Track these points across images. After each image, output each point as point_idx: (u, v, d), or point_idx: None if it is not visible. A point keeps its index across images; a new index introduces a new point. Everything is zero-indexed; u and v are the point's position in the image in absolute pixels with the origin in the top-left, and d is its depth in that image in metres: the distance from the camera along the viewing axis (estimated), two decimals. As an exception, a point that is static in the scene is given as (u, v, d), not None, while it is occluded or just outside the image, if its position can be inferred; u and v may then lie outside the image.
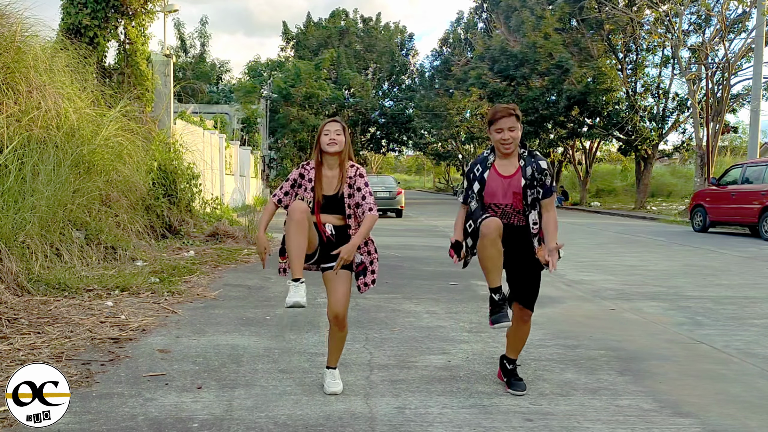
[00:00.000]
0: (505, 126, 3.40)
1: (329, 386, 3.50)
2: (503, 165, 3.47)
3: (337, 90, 37.08)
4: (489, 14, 40.23)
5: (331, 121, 3.53)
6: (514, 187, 3.41)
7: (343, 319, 3.45)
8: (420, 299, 6.33)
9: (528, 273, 3.50)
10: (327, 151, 3.43)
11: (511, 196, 3.42)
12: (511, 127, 3.40)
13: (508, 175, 3.44)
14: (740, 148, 37.62)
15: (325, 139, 3.44)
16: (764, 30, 18.42)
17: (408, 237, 13.66)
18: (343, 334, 3.54)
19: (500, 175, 3.45)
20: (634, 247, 11.85)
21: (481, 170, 3.51)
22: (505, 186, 3.42)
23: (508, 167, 3.46)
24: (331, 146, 3.43)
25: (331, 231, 3.43)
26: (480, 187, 3.47)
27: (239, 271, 7.91)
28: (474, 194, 3.49)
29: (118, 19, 10.97)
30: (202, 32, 41.00)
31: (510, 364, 3.65)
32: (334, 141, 3.43)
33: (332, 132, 3.45)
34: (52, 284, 5.82)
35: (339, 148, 3.44)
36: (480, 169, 3.52)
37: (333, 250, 3.36)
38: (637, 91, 27.40)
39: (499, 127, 3.42)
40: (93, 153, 8.17)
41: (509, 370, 3.65)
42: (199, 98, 31.59)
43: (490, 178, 3.46)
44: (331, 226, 3.45)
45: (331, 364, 3.59)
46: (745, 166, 14.88)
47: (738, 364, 4.22)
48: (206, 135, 16.38)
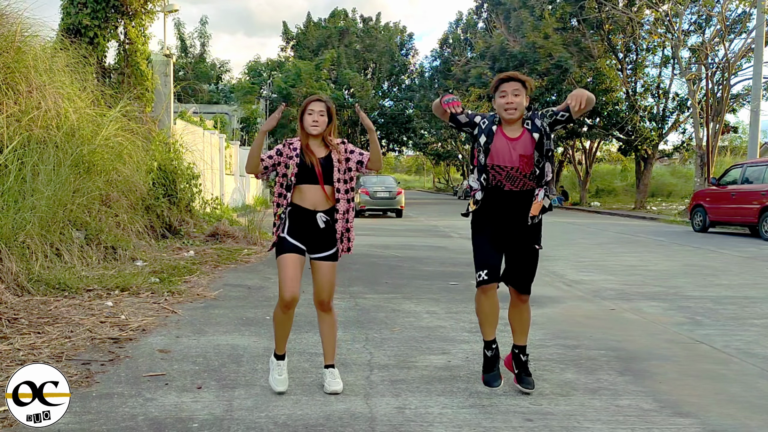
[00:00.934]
0: (509, 89, 3.30)
1: (329, 385, 3.49)
2: (509, 129, 3.37)
3: (337, 90, 37.11)
4: (489, 14, 40.23)
5: (315, 100, 3.43)
6: (521, 149, 3.31)
7: (328, 303, 3.49)
8: (420, 299, 6.33)
9: (526, 252, 3.44)
10: (310, 132, 3.40)
11: (518, 159, 3.31)
12: (516, 90, 3.30)
13: (513, 138, 3.33)
14: (740, 148, 37.61)
15: (308, 120, 3.38)
16: (764, 30, 18.42)
17: (408, 237, 13.66)
18: (332, 320, 3.53)
19: (506, 136, 3.34)
20: (634, 247, 11.85)
21: (488, 123, 3.38)
22: (510, 148, 3.31)
23: (514, 130, 3.36)
24: (314, 128, 3.38)
25: (324, 222, 3.41)
26: (487, 139, 3.33)
27: (239, 271, 7.91)
28: (480, 147, 3.35)
29: (118, 19, 10.97)
30: (202, 32, 41.03)
31: (524, 356, 3.57)
32: (317, 123, 3.38)
33: (316, 112, 3.38)
34: (52, 284, 5.82)
35: (321, 130, 3.40)
36: (487, 122, 3.38)
37: (324, 240, 3.41)
38: (637, 91, 27.40)
39: (503, 90, 3.33)
40: (93, 153, 8.16)
41: (522, 362, 3.56)
42: (199, 98, 31.60)
43: (496, 137, 3.34)
44: (324, 216, 3.41)
45: (328, 361, 3.57)
46: (745, 166, 14.88)
47: (738, 364, 4.22)
48: (206, 135, 16.38)
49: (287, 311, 3.45)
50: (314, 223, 3.41)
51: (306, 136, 3.44)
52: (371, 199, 20.89)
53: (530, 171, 3.32)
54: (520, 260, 3.47)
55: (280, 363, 3.52)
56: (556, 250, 10.86)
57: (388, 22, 51.31)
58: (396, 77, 50.23)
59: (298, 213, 3.41)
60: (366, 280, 7.49)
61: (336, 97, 35.45)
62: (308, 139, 3.43)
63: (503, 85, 3.34)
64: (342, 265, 8.57)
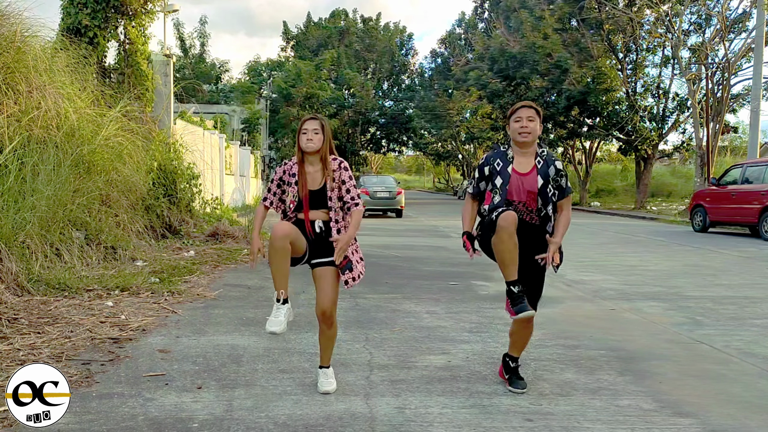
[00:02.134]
0: (524, 115, 3.41)
1: (322, 385, 3.51)
2: (519, 162, 3.45)
3: (338, 90, 37.11)
4: (489, 14, 40.23)
5: (309, 119, 3.52)
6: (528, 185, 3.40)
7: (330, 316, 3.45)
8: (420, 299, 6.33)
9: (535, 273, 3.50)
10: (305, 150, 3.45)
11: (525, 194, 3.40)
12: (530, 117, 3.40)
13: (523, 173, 3.43)
14: (740, 148, 37.61)
15: (303, 138, 3.45)
16: (764, 30, 18.42)
17: (408, 237, 13.66)
18: (332, 333, 3.53)
19: (516, 172, 3.44)
20: (634, 247, 11.85)
21: (503, 165, 3.47)
22: (519, 183, 3.41)
23: (524, 165, 3.44)
24: (309, 146, 3.44)
25: (320, 228, 3.44)
26: (503, 181, 3.43)
27: (239, 271, 7.91)
28: (497, 189, 3.43)
29: (118, 19, 10.97)
30: (202, 32, 41.03)
31: (513, 362, 3.66)
32: (311, 140, 3.44)
33: (310, 131, 3.45)
34: (52, 284, 5.82)
35: (316, 147, 3.45)
36: (501, 163, 3.47)
37: (322, 246, 3.43)
38: (637, 91, 27.39)
39: (518, 116, 3.43)
40: (93, 153, 8.16)
41: (512, 368, 3.65)
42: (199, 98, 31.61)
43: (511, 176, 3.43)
44: (320, 222, 3.45)
45: (323, 363, 3.59)
46: (745, 166, 14.87)
47: (738, 364, 4.22)
48: (206, 135, 16.38)
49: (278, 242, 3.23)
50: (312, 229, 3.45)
51: (302, 162, 3.49)
52: (371, 199, 20.90)
53: (535, 207, 3.42)
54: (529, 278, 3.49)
55: (280, 306, 3.33)
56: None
57: (388, 23, 51.31)
58: (396, 77, 50.22)
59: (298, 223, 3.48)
60: (366, 280, 7.44)
61: (336, 97, 35.45)
62: (305, 162, 3.49)
63: (519, 112, 3.45)
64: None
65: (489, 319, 5.37)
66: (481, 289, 7.01)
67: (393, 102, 48.43)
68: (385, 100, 48.25)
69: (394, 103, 48.16)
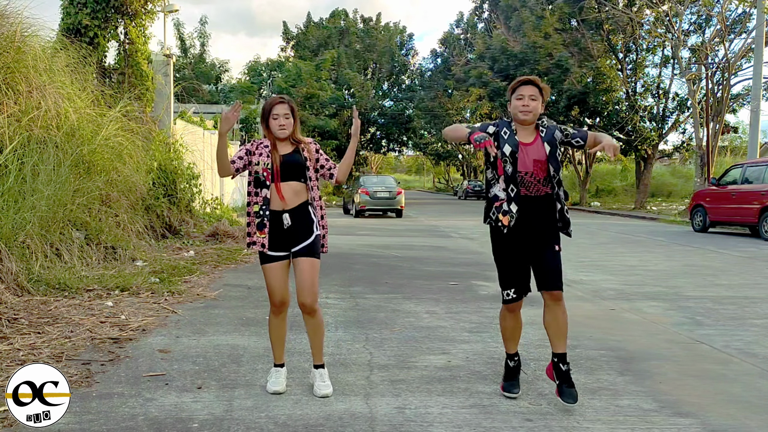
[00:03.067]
0: (527, 93, 3.36)
1: (319, 389, 3.45)
2: (522, 134, 3.39)
3: (338, 90, 37.10)
4: (490, 14, 40.23)
5: (278, 103, 3.45)
6: (534, 154, 3.34)
7: (311, 305, 3.43)
8: (420, 299, 6.32)
9: (555, 253, 3.43)
10: (278, 137, 3.43)
11: (531, 163, 3.33)
12: (532, 95, 3.35)
13: (527, 143, 3.37)
14: (740, 148, 37.62)
15: (274, 124, 3.41)
16: (764, 30, 18.41)
17: (408, 237, 13.65)
18: (316, 321, 3.49)
19: (520, 142, 3.37)
20: (634, 247, 11.85)
21: (509, 134, 3.37)
22: (524, 154, 3.34)
23: (527, 136, 3.39)
24: (282, 132, 3.42)
25: (287, 223, 3.38)
26: (512, 149, 3.32)
27: (239, 271, 7.91)
28: (507, 157, 3.32)
29: (119, 19, 10.98)
30: (202, 32, 41.05)
31: (563, 365, 3.35)
32: (284, 127, 3.41)
33: (281, 116, 3.41)
34: (52, 284, 5.82)
35: (289, 132, 3.44)
36: (508, 132, 3.38)
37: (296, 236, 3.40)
38: (637, 91, 27.40)
39: (520, 93, 3.38)
40: (93, 153, 8.16)
41: (563, 372, 3.33)
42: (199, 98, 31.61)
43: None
44: (288, 217, 3.38)
45: (316, 361, 3.54)
46: (745, 166, 14.87)
47: (738, 364, 4.22)
48: (206, 135, 16.37)
49: (279, 314, 3.51)
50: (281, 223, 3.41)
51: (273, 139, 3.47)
52: (371, 199, 20.89)
53: (544, 176, 3.36)
54: (546, 261, 3.42)
55: (278, 370, 3.56)
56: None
57: (388, 23, 51.27)
58: (396, 77, 50.21)
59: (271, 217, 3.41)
60: (366, 280, 7.48)
61: (336, 97, 35.43)
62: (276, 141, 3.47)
63: (521, 88, 3.39)
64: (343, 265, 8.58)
65: (489, 319, 5.36)
66: (481, 289, 7.00)
67: (393, 102, 48.42)
68: (385, 100, 48.23)
69: (394, 103, 48.15)
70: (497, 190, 3.39)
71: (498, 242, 3.45)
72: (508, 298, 3.44)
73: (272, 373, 3.57)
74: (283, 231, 3.40)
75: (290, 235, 3.41)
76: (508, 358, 3.57)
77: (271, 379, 3.53)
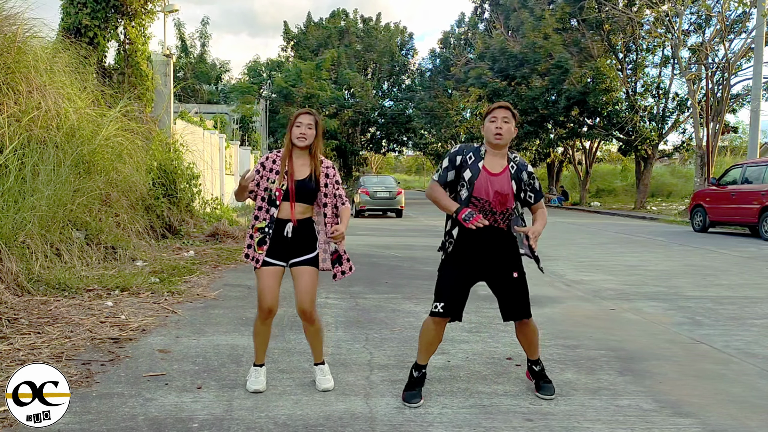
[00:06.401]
0: (500, 116, 3.37)
1: (320, 383, 3.56)
2: (491, 162, 3.39)
3: (338, 90, 37.09)
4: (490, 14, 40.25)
5: (304, 113, 3.51)
6: (497, 186, 3.33)
7: (311, 314, 3.48)
8: (420, 299, 6.32)
9: (513, 281, 3.41)
10: (296, 144, 3.45)
11: (492, 194, 3.33)
12: (505, 117, 3.37)
13: (493, 173, 3.36)
14: (740, 148, 37.61)
15: (295, 132, 3.45)
16: (764, 30, 18.41)
17: (408, 237, 13.65)
18: (315, 329, 3.56)
19: (486, 170, 3.37)
20: (634, 247, 11.85)
21: (474, 159, 3.40)
22: (487, 183, 3.34)
23: (496, 165, 3.39)
24: (300, 141, 3.44)
25: (287, 233, 3.42)
26: (471, 175, 3.35)
27: (239, 271, 7.91)
28: (465, 182, 3.36)
29: (118, 19, 10.97)
30: (203, 32, 41.06)
31: (536, 366, 3.59)
32: (304, 135, 3.44)
33: (304, 125, 3.44)
34: (52, 284, 5.82)
35: (308, 143, 3.45)
36: (473, 158, 3.40)
37: (298, 246, 3.44)
38: (637, 91, 27.40)
39: (493, 116, 3.39)
40: (93, 153, 8.16)
41: (537, 372, 3.58)
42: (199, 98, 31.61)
43: (480, 173, 3.37)
44: (290, 227, 3.42)
45: (317, 360, 3.64)
46: (745, 166, 14.87)
47: (738, 364, 4.22)
48: (206, 135, 16.38)
49: (265, 322, 3.52)
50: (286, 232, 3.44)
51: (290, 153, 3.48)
52: (371, 199, 20.89)
53: (501, 210, 3.35)
54: (506, 291, 3.43)
55: (258, 369, 3.59)
56: (555, 250, 10.87)
57: (389, 23, 51.26)
58: (396, 77, 50.21)
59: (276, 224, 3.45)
60: (366, 280, 7.48)
61: (336, 97, 35.42)
62: (293, 151, 3.48)
63: (494, 112, 3.41)
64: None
65: (489, 319, 5.36)
66: (480, 289, 6.98)
67: (393, 102, 48.42)
68: (384, 100, 48.23)
69: (394, 103, 48.15)
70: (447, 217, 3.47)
71: (448, 259, 3.44)
72: (435, 311, 3.39)
73: (252, 372, 3.59)
74: (283, 239, 3.43)
75: (290, 246, 3.44)
76: (415, 367, 3.48)
77: (251, 379, 3.56)
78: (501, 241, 3.38)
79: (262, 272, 3.45)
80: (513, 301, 3.44)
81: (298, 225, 3.44)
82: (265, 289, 3.43)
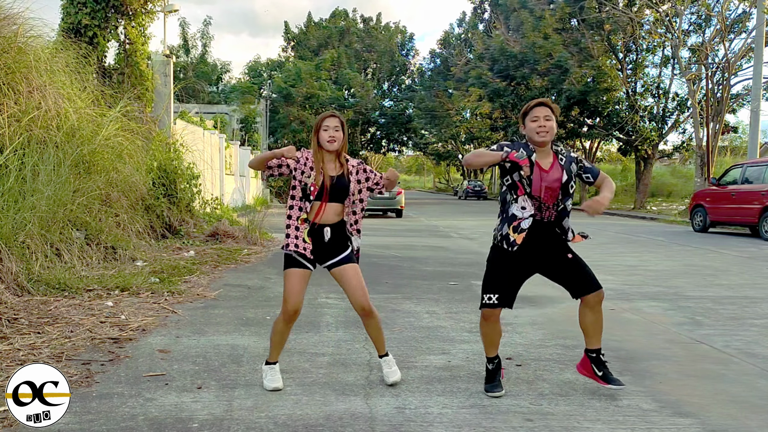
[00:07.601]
0: (541, 114, 3.39)
1: (388, 376, 3.61)
2: (540, 158, 3.41)
3: (338, 90, 37.10)
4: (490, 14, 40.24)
5: (330, 116, 3.52)
6: (548, 182, 3.37)
7: (370, 309, 3.54)
8: (420, 299, 6.32)
9: (570, 261, 3.49)
10: (327, 149, 3.46)
11: (543, 189, 3.36)
12: (547, 116, 3.39)
13: (544, 169, 3.39)
14: (740, 148, 37.62)
15: (324, 136, 3.46)
16: (764, 30, 18.42)
17: (408, 237, 13.65)
18: (375, 321, 3.61)
19: (538, 166, 3.38)
20: (634, 247, 11.85)
21: (527, 154, 3.35)
22: (540, 178, 3.36)
23: (544, 162, 3.41)
24: (331, 144, 3.46)
25: (327, 236, 3.47)
26: (530, 172, 3.33)
27: (239, 271, 7.91)
28: (524, 180, 3.34)
29: (118, 19, 10.98)
30: (204, 33, 41.09)
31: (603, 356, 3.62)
32: (334, 138, 3.46)
33: (331, 128, 3.47)
34: (52, 284, 5.82)
35: (338, 146, 3.48)
36: (525, 153, 3.35)
37: (332, 249, 3.49)
38: (637, 91, 27.40)
39: (534, 115, 3.40)
40: (93, 153, 8.17)
41: (603, 362, 3.59)
42: (200, 98, 31.61)
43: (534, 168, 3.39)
44: (328, 231, 3.47)
45: (380, 351, 3.68)
46: (745, 166, 14.88)
47: (738, 364, 4.22)
48: (206, 135, 16.38)
49: (289, 323, 3.53)
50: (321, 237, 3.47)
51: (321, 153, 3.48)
52: (371, 199, 20.83)
53: (552, 203, 3.40)
54: (568, 271, 3.50)
55: (273, 367, 3.60)
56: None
57: (389, 23, 51.34)
58: (396, 77, 50.25)
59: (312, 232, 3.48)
60: (366, 280, 7.46)
61: (336, 97, 35.43)
62: (323, 155, 3.49)
63: (535, 110, 3.43)
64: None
65: (489, 319, 5.36)
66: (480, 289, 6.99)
67: (393, 102, 48.44)
68: (385, 100, 48.24)
69: (394, 103, 48.17)
70: (515, 210, 3.42)
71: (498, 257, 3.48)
72: (489, 302, 3.44)
73: (267, 371, 3.59)
74: (323, 244, 3.47)
75: (328, 248, 3.49)
76: (488, 361, 3.58)
77: (268, 377, 3.55)
78: (552, 232, 3.44)
79: (291, 273, 3.45)
80: (579, 277, 3.52)
81: (333, 227, 3.48)
82: (293, 291, 3.45)
